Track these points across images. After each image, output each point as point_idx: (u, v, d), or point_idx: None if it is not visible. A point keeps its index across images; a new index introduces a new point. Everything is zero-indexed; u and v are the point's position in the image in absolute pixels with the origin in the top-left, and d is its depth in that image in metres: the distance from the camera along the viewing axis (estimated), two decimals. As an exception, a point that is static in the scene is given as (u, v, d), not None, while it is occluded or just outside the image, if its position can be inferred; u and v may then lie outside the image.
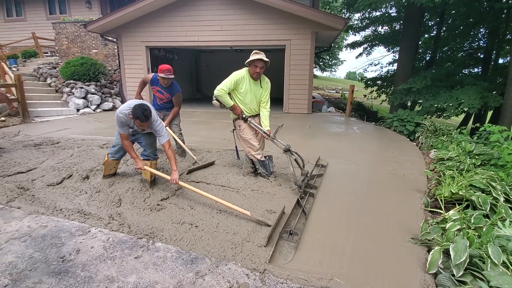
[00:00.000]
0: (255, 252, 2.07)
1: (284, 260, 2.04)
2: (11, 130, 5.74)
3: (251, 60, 3.05)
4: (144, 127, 2.76)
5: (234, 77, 3.12)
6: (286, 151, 3.17)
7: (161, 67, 3.71)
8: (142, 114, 2.60)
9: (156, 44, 9.20)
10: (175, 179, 2.75)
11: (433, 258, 1.87)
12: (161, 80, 3.76)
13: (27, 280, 1.77)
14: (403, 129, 6.42)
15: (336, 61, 32.25)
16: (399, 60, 10.40)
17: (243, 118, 3.24)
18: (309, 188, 3.16)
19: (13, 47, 12.18)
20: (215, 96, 3.11)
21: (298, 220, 2.53)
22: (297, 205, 2.75)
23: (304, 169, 3.19)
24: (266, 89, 3.32)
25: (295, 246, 2.16)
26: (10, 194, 2.88)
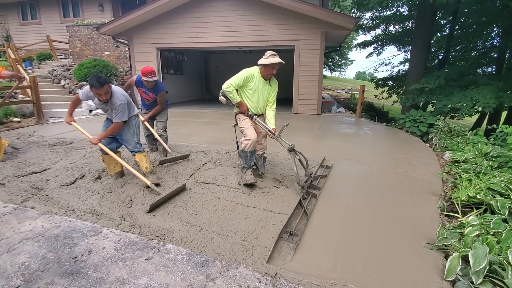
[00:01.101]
0: (265, 256, 2.04)
1: (282, 260, 2.02)
2: (27, 130, 5.89)
3: (271, 63, 3.02)
4: (102, 96, 2.81)
5: (244, 74, 3.10)
6: (290, 151, 3.14)
7: (144, 70, 3.77)
8: (96, 81, 2.70)
9: (166, 45, 9.29)
10: (92, 141, 2.99)
11: (451, 265, 1.80)
12: (145, 83, 3.86)
13: (39, 281, 1.79)
14: (416, 130, 6.27)
15: (346, 61, 31.89)
16: (411, 60, 10.18)
17: (249, 116, 3.22)
18: (312, 189, 3.13)
19: (28, 49, 12.52)
20: (223, 90, 3.09)
21: (299, 221, 2.50)
22: (299, 206, 2.73)
23: (308, 170, 3.16)
24: (274, 89, 3.31)
25: (295, 247, 2.14)
26: (25, 194, 2.94)
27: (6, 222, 2.44)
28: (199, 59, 13.96)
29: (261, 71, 3.14)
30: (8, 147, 4.50)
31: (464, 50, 11.58)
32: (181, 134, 5.74)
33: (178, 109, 9.75)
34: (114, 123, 2.98)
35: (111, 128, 3.01)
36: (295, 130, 6.36)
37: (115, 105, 2.91)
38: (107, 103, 2.93)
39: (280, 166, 3.84)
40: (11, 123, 6.31)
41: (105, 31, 8.90)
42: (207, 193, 3.03)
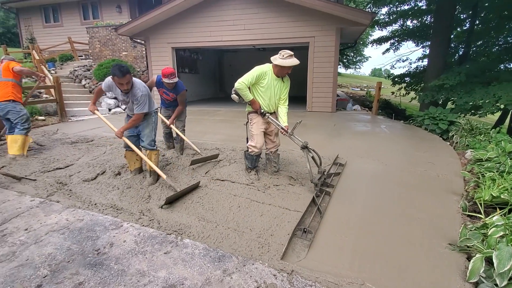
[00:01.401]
0: (281, 252, 2.04)
1: (296, 257, 2.03)
2: (51, 128, 6.16)
3: (287, 66, 2.98)
4: (124, 86, 2.84)
5: (256, 72, 3.07)
6: (303, 148, 3.12)
7: (164, 71, 3.77)
8: (118, 70, 2.73)
9: (181, 45, 9.43)
10: (117, 134, 3.03)
11: (474, 266, 1.75)
12: (165, 84, 3.89)
13: (65, 271, 1.88)
14: (436, 127, 6.06)
15: (361, 58, 31.23)
16: (430, 55, 9.84)
17: (261, 113, 3.20)
18: (326, 187, 3.11)
19: (51, 51, 13.06)
20: (236, 89, 3.09)
21: (313, 218, 2.50)
22: (312, 203, 2.72)
23: (321, 167, 3.14)
24: (287, 86, 3.28)
25: (309, 244, 2.14)
26: (50, 188, 3.08)
27: (33, 215, 2.57)
28: (213, 58, 14.09)
29: (274, 69, 3.10)
30: (34, 144, 4.73)
31: (486, 45, 11.08)
32: (196, 132, 5.82)
33: (193, 107, 9.89)
34: (136, 114, 3.03)
35: (133, 120, 3.06)
36: (309, 128, 6.30)
37: (136, 96, 2.96)
38: (128, 94, 2.97)
39: (295, 164, 3.83)
40: (37, 121, 6.62)
41: (123, 32, 9.14)
42: (223, 190, 3.06)
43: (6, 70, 4.06)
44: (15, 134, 4.01)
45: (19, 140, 4.00)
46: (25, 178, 3.31)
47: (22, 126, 4.08)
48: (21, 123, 4.08)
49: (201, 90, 12.72)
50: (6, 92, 4.01)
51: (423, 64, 13.09)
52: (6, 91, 4.01)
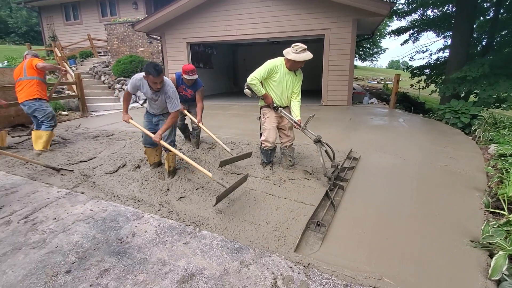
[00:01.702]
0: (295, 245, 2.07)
1: (310, 250, 2.05)
2: (73, 123, 6.42)
3: (301, 61, 2.94)
4: (157, 85, 2.85)
5: (268, 66, 3.06)
6: (316, 142, 3.11)
7: (185, 68, 3.81)
8: (153, 69, 2.72)
9: (196, 40, 9.49)
10: (156, 140, 2.97)
11: (496, 264, 1.70)
12: (185, 80, 3.93)
13: (91, 258, 1.99)
14: (457, 121, 5.84)
15: (378, 50, 30.26)
16: (452, 46, 9.44)
17: (274, 108, 3.20)
18: (339, 181, 3.10)
19: (72, 48, 13.49)
20: (248, 84, 3.09)
21: (326, 212, 2.50)
22: (325, 197, 2.73)
23: (335, 161, 3.12)
24: (299, 80, 3.24)
25: (322, 237, 2.16)
26: (75, 180, 3.24)
27: (61, 205, 2.71)
28: (227, 53, 14.10)
29: (287, 63, 3.07)
30: (58, 138, 4.96)
31: (510, 35, 10.46)
32: (211, 126, 5.87)
33: (208, 102, 9.97)
34: (172, 113, 3.04)
35: (170, 120, 3.04)
36: (324, 121, 6.23)
37: (168, 93, 2.97)
38: (158, 92, 2.98)
39: (310, 158, 3.81)
40: (60, 116, 6.91)
41: (140, 28, 9.30)
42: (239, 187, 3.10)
43: (30, 68, 4.15)
44: (40, 130, 4.18)
45: (44, 136, 4.17)
46: (63, 169, 3.49)
47: (48, 123, 4.24)
48: (47, 121, 4.24)
49: (215, 84, 12.80)
50: (31, 90, 4.13)
51: (444, 56, 12.55)
52: (31, 89, 4.13)
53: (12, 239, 2.20)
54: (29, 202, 2.78)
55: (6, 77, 5.74)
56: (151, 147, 3.38)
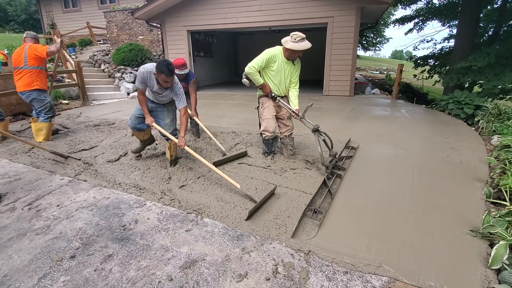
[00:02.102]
0: (298, 232, 2.09)
1: (306, 236, 2.09)
2: (74, 112, 6.40)
3: (299, 50, 2.91)
4: (168, 84, 2.81)
5: (266, 55, 3.03)
6: (314, 131, 3.12)
7: (176, 63, 3.68)
8: (166, 68, 2.66)
9: (197, 28, 9.35)
10: (182, 145, 2.91)
11: (497, 253, 1.71)
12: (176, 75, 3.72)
13: (95, 244, 2.01)
14: (460, 112, 5.79)
15: (381, 39, 29.72)
16: (457, 35, 9.27)
17: (272, 97, 3.20)
18: (337, 169, 3.13)
19: (71, 36, 13.32)
20: (246, 73, 3.07)
21: (324, 199, 2.54)
22: (323, 185, 2.76)
23: (332, 150, 3.14)
24: (297, 69, 3.22)
25: (319, 224, 2.20)
26: (77, 168, 3.25)
27: (64, 193, 2.73)
28: (227, 41, 13.91)
29: (285, 52, 3.04)
30: (60, 126, 4.96)
31: (518, 25, 10.25)
32: (212, 115, 5.87)
33: (208, 91, 9.92)
34: (181, 109, 2.98)
35: (184, 118, 2.98)
36: (326, 112, 6.20)
37: (175, 90, 2.94)
38: (166, 89, 2.93)
39: (311, 148, 3.81)
40: (61, 105, 6.89)
41: (139, 15, 9.14)
42: (240, 173, 3.12)
43: (31, 58, 3.96)
44: (39, 122, 4.13)
45: (44, 128, 4.14)
46: (71, 157, 3.51)
47: (46, 114, 4.17)
48: (45, 111, 4.17)
49: (216, 73, 12.68)
50: (31, 81, 4.00)
51: (449, 45, 12.36)
52: (31, 80, 4.00)
53: (17, 225, 2.23)
54: (32, 189, 2.80)
55: (7, 66, 5.69)
56: (138, 131, 3.32)
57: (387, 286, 1.64)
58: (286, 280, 1.68)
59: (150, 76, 2.88)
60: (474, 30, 8.78)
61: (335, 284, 1.66)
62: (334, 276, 1.72)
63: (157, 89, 2.96)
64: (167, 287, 1.64)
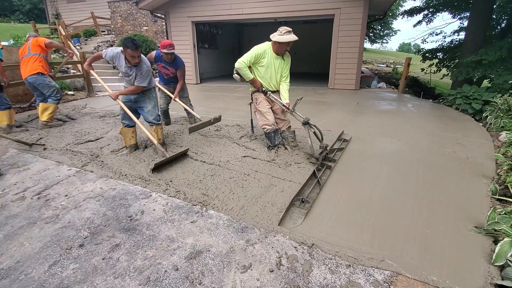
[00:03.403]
0: (299, 228, 2.11)
1: (293, 224, 2.16)
2: (79, 103, 6.45)
3: (286, 42, 2.99)
4: (135, 59, 2.97)
5: (255, 51, 3.11)
6: (305, 124, 3.19)
7: (163, 43, 3.80)
8: (131, 43, 2.86)
9: (201, 19, 9.25)
10: (112, 95, 3.15)
11: (501, 250, 1.72)
12: (164, 56, 3.88)
13: (102, 234, 2.06)
14: (468, 107, 5.71)
15: (389, 32, 29.14)
16: (468, 28, 9.03)
17: (263, 91, 3.26)
18: (328, 161, 3.20)
19: (75, 27, 13.30)
20: (236, 68, 3.14)
21: (312, 190, 2.62)
22: (313, 176, 2.83)
23: (323, 142, 3.20)
24: (287, 63, 3.30)
25: (305, 212, 2.26)
26: (84, 159, 3.30)
27: (71, 183, 2.78)
28: (232, 33, 13.76)
29: (273, 47, 3.12)
30: (66, 117, 5.01)
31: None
32: (217, 108, 5.87)
33: (213, 83, 9.88)
34: (135, 85, 3.14)
35: (130, 89, 3.16)
36: (331, 106, 6.16)
37: (141, 70, 3.09)
38: (135, 67, 3.07)
39: (316, 142, 3.79)
40: (66, 96, 6.93)
41: (143, 6, 9.07)
42: (244, 166, 3.13)
43: (34, 46, 4.29)
44: (47, 103, 4.37)
45: (50, 108, 4.40)
46: (35, 144, 3.67)
47: (55, 97, 4.43)
48: (54, 94, 4.42)
49: (220, 66, 12.60)
50: (34, 66, 4.26)
51: (459, 38, 12.06)
52: (34, 65, 4.26)
53: (27, 214, 2.28)
54: (40, 179, 2.85)
55: (13, 56, 5.73)
56: (128, 126, 3.42)
57: (389, 280, 1.66)
58: (289, 272, 1.71)
59: (119, 56, 3.05)
60: (486, 23, 8.53)
61: (337, 277, 1.68)
62: (337, 269, 1.74)
63: (126, 70, 3.10)
64: (173, 276, 1.67)
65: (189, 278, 1.66)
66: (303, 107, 5.98)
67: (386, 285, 1.62)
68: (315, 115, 5.31)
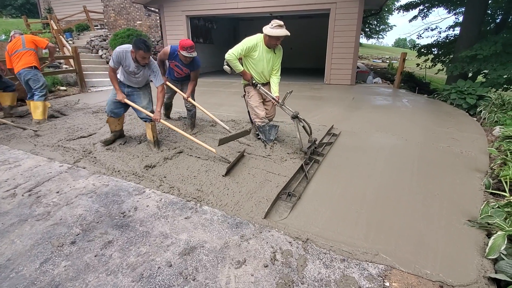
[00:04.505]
0: (293, 222, 2.10)
1: (279, 217, 2.17)
2: (72, 98, 6.34)
3: (276, 36, 2.97)
4: (146, 60, 2.95)
5: (247, 43, 3.08)
6: (293, 118, 3.19)
7: (183, 44, 3.39)
8: (144, 45, 2.82)
9: (196, 13, 9.13)
10: (157, 118, 3.12)
11: (495, 243, 1.73)
12: (182, 58, 3.49)
13: (95, 230, 2.03)
14: (462, 102, 5.74)
15: (385, 27, 29.11)
16: (463, 23, 9.04)
17: (252, 84, 3.25)
18: (316, 155, 3.22)
19: (68, 21, 13.03)
20: (226, 60, 3.11)
21: (299, 183, 2.62)
22: (300, 170, 2.84)
23: (311, 136, 3.22)
24: (279, 56, 3.28)
25: (291, 206, 2.27)
26: (76, 155, 3.24)
27: (63, 180, 2.73)
28: (228, 28, 13.62)
29: (265, 40, 3.10)
30: (58, 113, 4.92)
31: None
32: (212, 104, 5.82)
33: (208, 79, 9.80)
34: (159, 87, 3.16)
35: (161, 95, 3.17)
36: (326, 101, 6.14)
37: (152, 68, 3.07)
38: (143, 67, 3.05)
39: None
40: (59, 92, 6.81)
41: (137, 0, 8.91)
42: (240, 161, 3.11)
43: (29, 42, 4.39)
44: (35, 101, 4.36)
45: (40, 106, 4.38)
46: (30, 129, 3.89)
47: (40, 92, 4.40)
48: (40, 89, 4.40)
49: (215, 61, 12.48)
50: (30, 59, 4.33)
51: (454, 33, 12.08)
52: (29, 59, 4.33)
53: (18, 211, 2.24)
54: (32, 176, 2.80)
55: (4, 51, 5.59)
56: (115, 117, 3.42)
57: (383, 274, 1.66)
58: (284, 267, 1.70)
59: (126, 56, 2.98)
60: (481, 18, 8.55)
61: (332, 271, 1.68)
62: (331, 263, 1.74)
63: (133, 69, 3.05)
64: (167, 272, 1.66)
65: (183, 274, 1.65)
66: (299, 102, 5.96)
67: (380, 279, 1.63)
68: (311, 110, 5.30)
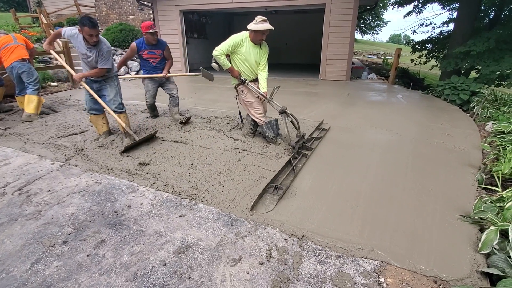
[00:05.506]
0: (289, 219, 2.10)
1: (265, 209, 2.20)
2: (63, 94, 6.21)
3: (261, 30, 3.01)
4: (93, 38, 2.90)
5: (233, 40, 3.12)
6: (282, 113, 3.24)
7: (146, 24, 3.69)
8: (88, 20, 2.80)
9: (190, 7, 8.99)
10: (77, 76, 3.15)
11: (487, 238, 1.74)
12: (150, 38, 3.74)
13: (87, 229, 1.99)
14: (456, 98, 5.78)
15: (380, 23, 29.17)
16: (457, 19, 9.09)
17: (241, 80, 3.27)
18: (305, 150, 3.25)
19: (58, 15, 12.73)
20: (214, 56, 3.14)
21: (286, 177, 2.65)
22: (288, 164, 2.86)
23: (300, 131, 3.26)
24: (265, 52, 3.32)
25: (278, 199, 2.30)
26: (68, 153, 3.18)
27: (54, 178, 2.68)
28: (222, 22, 13.47)
29: (250, 36, 3.15)
30: (49, 109, 4.82)
31: (520, 8, 10.02)
32: (207, 100, 5.77)
33: (203, 75, 9.68)
34: (98, 68, 3.10)
35: (94, 71, 3.12)
36: (322, 97, 6.14)
37: (102, 51, 3.03)
38: (93, 48, 3.00)
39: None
40: (49, 87, 6.67)
41: (129, -7, 8.73)
42: (235, 158, 3.08)
43: (20, 38, 4.46)
44: (29, 95, 4.32)
45: (34, 100, 4.35)
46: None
47: (33, 86, 4.37)
48: (33, 83, 4.39)
49: (210, 56, 12.21)
50: (23, 52, 4.37)
51: (448, 29, 12.13)
52: (22, 51, 4.37)
53: (8, 210, 2.19)
54: (22, 174, 2.74)
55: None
56: (97, 113, 3.41)
57: (378, 270, 1.67)
58: (279, 264, 1.70)
59: (77, 36, 2.98)
60: (475, 14, 8.60)
61: (327, 268, 1.68)
62: (327, 260, 1.74)
63: (85, 51, 3.02)
64: (161, 271, 1.64)
65: (178, 273, 1.63)
66: (295, 98, 5.95)
67: (375, 274, 1.63)
68: (306, 106, 5.29)
